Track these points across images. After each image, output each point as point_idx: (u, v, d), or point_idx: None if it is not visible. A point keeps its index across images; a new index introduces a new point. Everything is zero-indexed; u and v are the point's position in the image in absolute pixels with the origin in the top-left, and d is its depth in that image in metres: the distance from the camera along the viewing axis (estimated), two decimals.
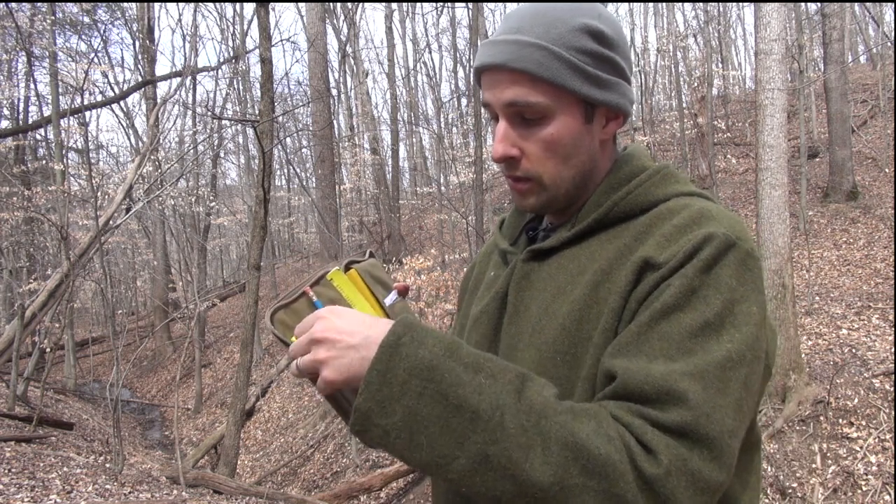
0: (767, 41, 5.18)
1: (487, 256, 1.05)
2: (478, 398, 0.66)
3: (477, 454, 0.64)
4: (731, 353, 0.68)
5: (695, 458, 0.64)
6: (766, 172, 5.14)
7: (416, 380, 0.67)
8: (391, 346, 0.68)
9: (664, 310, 0.70)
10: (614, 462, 0.63)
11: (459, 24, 20.81)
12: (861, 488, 4.25)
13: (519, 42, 0.79)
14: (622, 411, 0.67)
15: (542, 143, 0.82)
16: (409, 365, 0.67)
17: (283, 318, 0.90)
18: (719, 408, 0.66)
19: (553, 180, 0.84)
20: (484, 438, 0.64)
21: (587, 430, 0.65)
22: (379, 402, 0.67)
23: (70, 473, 5.75)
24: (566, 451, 0.64)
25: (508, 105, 0.81)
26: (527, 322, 0.84)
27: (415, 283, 8.26)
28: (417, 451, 0.66)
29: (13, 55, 15.24)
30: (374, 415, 0.67)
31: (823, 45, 11.02)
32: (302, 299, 0.91)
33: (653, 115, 18.09)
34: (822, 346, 5.83)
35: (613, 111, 0.85)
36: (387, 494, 6.52)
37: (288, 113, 18.82)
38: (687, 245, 0.73)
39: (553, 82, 0.79)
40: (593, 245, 0.83)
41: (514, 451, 0.64)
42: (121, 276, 21.90)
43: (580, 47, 0.80)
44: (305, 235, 24.53)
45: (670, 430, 0.64)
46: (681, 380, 0.66)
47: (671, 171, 0.87)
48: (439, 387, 0.66)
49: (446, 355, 0.68)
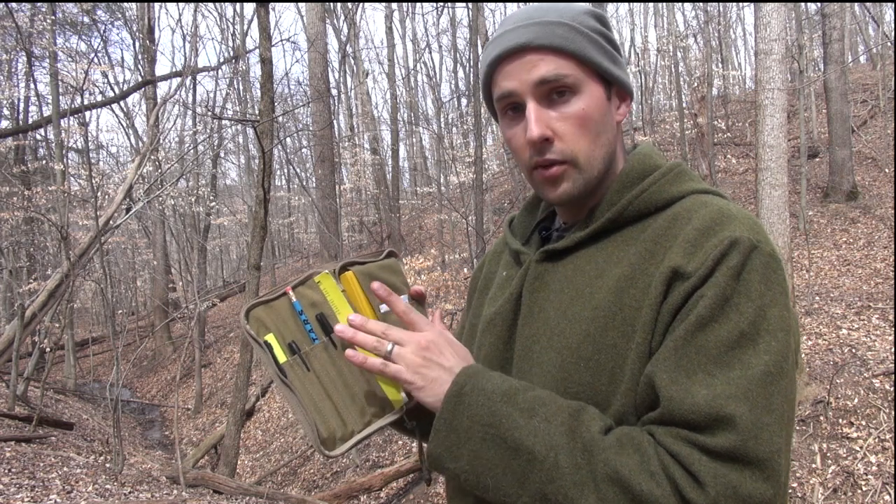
0: (767, 41, 5.18)
1: (498, 256, 1.04)
2: (533, 440, 0.71)
3: (537, 493, 0.70)
4: (769, 367, 0.68)
5: (746, 483, 0.64)
6: (766, 172, 5.14)
7: (478, 426, 0.74)
8: (455, 395, 0.77)
9: (699, 322, 0.71)
10: (656, 498, 0.65)
11: (459, 24, 20.85)
12: (861, 488, 4.24)
13: (541, 22, 0.81)
14: (670, 439, 0.68)
15: (574, 119, 0.81)
16: (471, 413, 0.75)
17: (259, 314, 0.87)
18: (766, 427, 0.66)
19: (587, 159, 0.83)
20: (542, 478, 0.70)
21: (631, 466, 0.67)
22: (447, 447, 0.76)
23: (70, 473, 5.75)
24: (614, 487, 0.67)
25: (539, 83, 0.80)
26: (543, 324, 0.83)
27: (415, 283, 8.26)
28: (485, 492, 0.73)
29: (13, 55, 15.25)
30: (445, 459, 0.76)
31: (823, 45, 11.02)
32: (283, 298, 0.88)
33: (653, 115, 18.10)
34: (822, 346, 5.84)
35: (625, 91, 0.87)
36: (387, 494, 6.52)
37: (288, 113, 18.83)
38: (714, 251, 0.73)
39: (579, 55, 0.81)
40: (610, 246, 0.82)
41: (570, 489, 0.68)
42: (121, 276, 21.91)
43: (591, 27, 0.83)
44: (305, 235, 24.55)
45: (720, 455, 0.65)
46: (727, 404, 0.66)
47: (684, 168, 0.86)
48: (498, 431, 0.73)
49: (503, 401, 0.75)
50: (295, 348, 0.87)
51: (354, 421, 0.87)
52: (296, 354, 0.86)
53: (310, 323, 0.88)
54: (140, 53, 16.87)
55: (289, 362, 0.86)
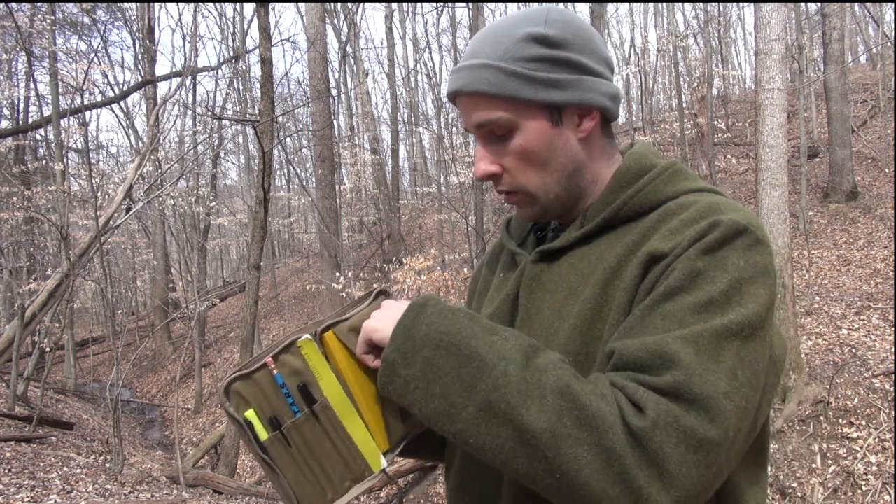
0: (767, 41, 5.18)
1: (496, 257, 1.04)
2: (486, 349, 0.71)
3: (482, 401, 0.69)
4: (729, 324, 0.68)
5: (688, 417, 0.63)
6: (766, 172, 5.14)
7: (435, 333, 0.74)
8: (418, 306, 0.78)
9: (667, 292, 0.71)
10: (604, 415, 0.65)
11: (459, 24, 20.80)
12: (861, 488, 4.24)
13: (470, 66, 0.82)
14: (619, 377, 0.69)
15: (516, 155, 0.84)
16: (430, 321, 0.76)
17: (240, 389, 0.84)
18: (711, 371, 0.65)
19: (538, 188, 0.85)
20: (488, 385, 0.69)
21: (583, 387, 0.68)
22: (403, 353, 0.75)
23: (70, 473, 5.75)
24: (561, 400, 0.66)
25: (477, 127, 0.84)
26: (539, 324, 0.84)
27: (415, 283, 8.27)
28: (433, 401, 0.72)
29: (13, 55, 15.25)
30: (398, 365, 0.76)
31: (823, 45, 11.02)
32: (264, 371, 0.85)
33: (653, 115, 18.10)
34: (822, 346, 5.84)
35: (583, 108, 0.84)
36: (387, 494, 6.52)
37: (288, 113, 18.81)
38: (693, 233, 0.73)
39: (506, 96, 0.81)
40: (602, 244, 0.83)
41: (514, 397, 0.68)
42: (121, 276, 21.89)
43: (527, 56, 0.81)
44: (305, 235, 24.55)
45: (662, 391, 0.65)
46: (673, 343, 0.67)
47: (680, 167, 0.86)
48: (454, 339, 0.73)
49: (467, 317, 0.76)
50: (276, 423, 0.85)
51: (334, 488, 0.86)
52: (277, 430, 0.84)
53: (291, 395, 0.85)
54: (140, 53, 16.86)
55: (270, 439, 0.84)
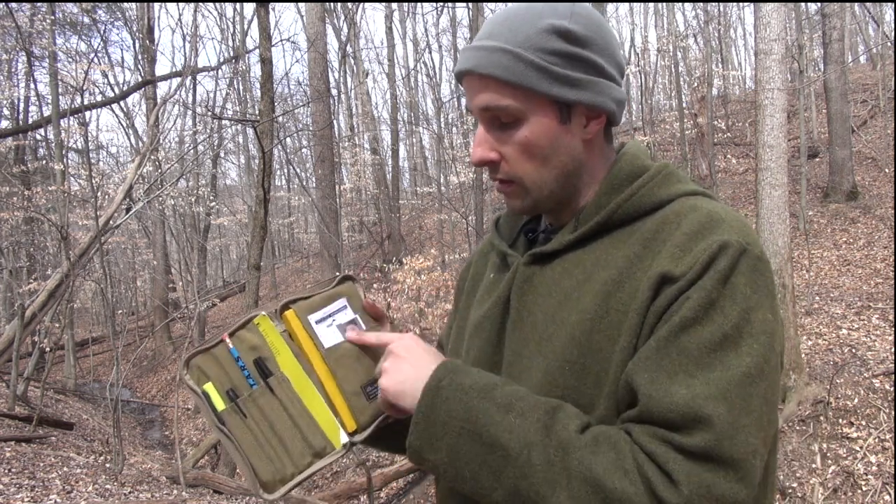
0: (767, 41, 5.18)
1: (485, 256, 1.03)
2: (508, 437, 0.72)
3: (511, 487, 0.71)
4: (749, 369, 0.69)
5: (720, 483, 0.65)
6: (766, 172, 5.14)
7: (454, 421, 0.75)
8: (433, 389, 0.78)
9: (683, 323, 0.71)
10: (629, 496, 0.65)
11: (459, 24, 20.79)
12: (861, 488, 4.25)
13: (486, 47, 0.80)
14: (646, 437, 0.68)
15: (518, 146, 0.82)
16: (447, 407, 0.76)
17: (199, 363, 0.89)
18: (743, 428, 0.67)
19: (534, 182, 0.84)
20: (515, 474, 0.71)
21: (605, 465, 0.68)
22: (426, 440, 0.77)
23: (70, 473, 5.75)
24: (586, 486, 0.67)
25: (482, 110, 0.82)
26: (532, 329, 0.83)
27: (415, 283, 8.27)
28: (464, 483, 0.75)
29: (13, 55, 15.25)
30: (424, 451, 0.77)
31: (823, 45, 11.02)
32: (221, 346, 0.89)
33: (653, 115, 18.09)
34: (822, 346, 5.84)
35: (593, 110, 0.83)
36: (387, 494, 6.52)
37: (288, 113, 18.82)
38: (703, 256, 0.73)
39: (520, 85, 0.79)
40: (598, 250, 0.82)
41: (542, 486, 0.69)
42: (121, 276, 21.90)
43: (548, 48, 0.79)
44: (305, 235, 24.57)
45: (695, 455, 0.66)
46: (705, 404, 0.67)
47: (672, 170, 0.86)
48: (474, 427, 0.74)
49: (480, 397, 0.75)
50: (232, 395, 0.88)
51: (295, 463, 0.89)
52: (233, 402, 0.88)
53: (247, 369, 0.89)
54: (140, 53, 16.87)
55: (227, 409, 0.87)
